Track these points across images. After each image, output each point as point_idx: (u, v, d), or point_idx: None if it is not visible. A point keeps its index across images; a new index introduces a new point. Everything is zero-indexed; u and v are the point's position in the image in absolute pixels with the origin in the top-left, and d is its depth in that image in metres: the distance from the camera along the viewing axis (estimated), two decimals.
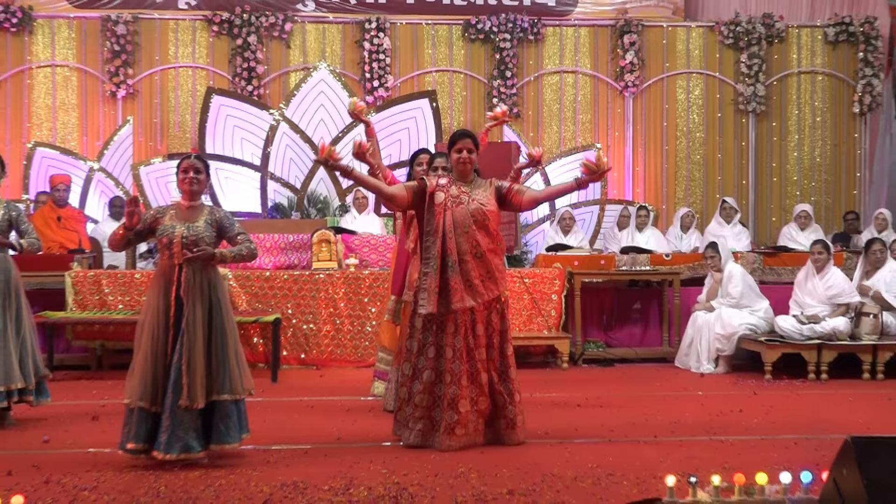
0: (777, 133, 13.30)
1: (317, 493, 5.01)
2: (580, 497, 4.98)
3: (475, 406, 6.13)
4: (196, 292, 5.67)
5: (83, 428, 6.86)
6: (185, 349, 5.56)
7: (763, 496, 4.73)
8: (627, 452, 5.97)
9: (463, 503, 4.85)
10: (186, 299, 5.64)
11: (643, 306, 10.72)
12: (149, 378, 5.57)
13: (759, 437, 6.51)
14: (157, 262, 5.92)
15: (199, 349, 5.60)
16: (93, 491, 5.11)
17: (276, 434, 6.50)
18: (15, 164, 11.96)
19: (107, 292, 9.62)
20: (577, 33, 13.16)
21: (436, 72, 13.00)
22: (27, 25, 12.45)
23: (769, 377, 9.11)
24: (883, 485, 3.92)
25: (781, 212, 13.12)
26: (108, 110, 12.59)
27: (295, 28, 12.81)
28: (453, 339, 6.10)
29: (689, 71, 13.25)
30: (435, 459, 5.82)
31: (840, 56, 13.32)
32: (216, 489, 5.14)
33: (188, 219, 5.75)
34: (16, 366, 6.68)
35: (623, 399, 8.03)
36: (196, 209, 5.83)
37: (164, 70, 12.71)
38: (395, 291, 7.30)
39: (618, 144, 13.12)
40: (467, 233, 6.12)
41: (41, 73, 12.58)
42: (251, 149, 12.29)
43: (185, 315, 5.62)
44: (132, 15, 12.55)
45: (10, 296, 6.78)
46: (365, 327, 9.81)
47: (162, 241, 5.70)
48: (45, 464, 5.73)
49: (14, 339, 6.73)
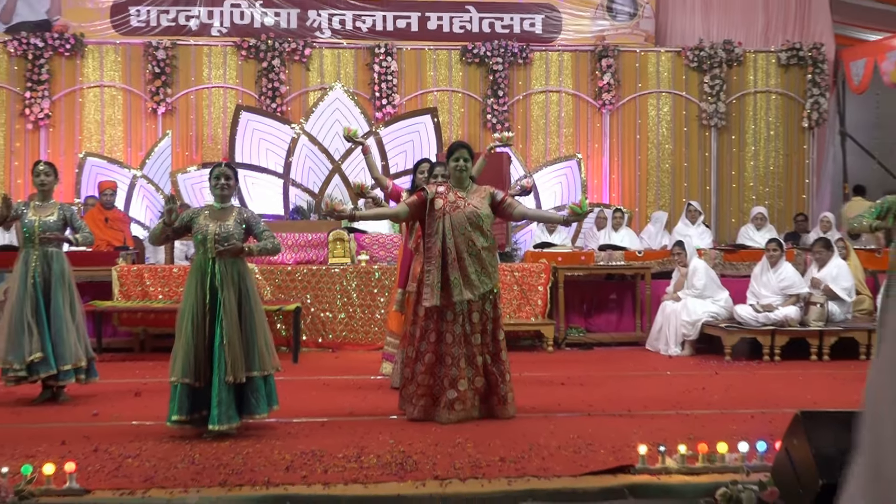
0: (736, 145, 13.29)
1: (332, 460, 5.03)
2: (563, 464, 4.98)
3: (472, 385, 6.15)
4: (229, 282, 5.72)
5: (127, 403, 6.87)
6: (223, 331, 5.62)
7: (724, 463, 4.75)
8: (604, 425, 5.97)
9: (460, 469, 4.86)
10: (221, 288, 5.69)
11: (618, 297, 10.72)
12: (191, 358, 5.62)
13: (720, 411, 6.52)
14: (193, 257, 5.94)
15: (236, 331, 5.66)
16: (136, 458, 5.12)
17: (296, 408, 6.50)
18: (68, 171, 11.96)
19: (148, 284, 9.62)
20: (560, 57, 13.14)
21: (437, 91, 12.99)
22: (79, 50, 12.44)
23: (729, 359, 9.11)
24: (828, 452, 3.93)
25: (740, 213, 13.11)
26: (149, 125, 12.58)
27: (313, 53, 12.79)
28: (452, 326, 6.13)
29: (658, 91, 13.24)
30: (436, 431, 5.82)
31: (791, 77, 13.31)
32: (244, 456, 5.15)
33: (220, 219, 5.81)
34: (73, 347, 6.74)
35: (601, 378, 8.02)
36: (227, 210, 5.88)
37: (199, 90, 12.70)
38: (401, 284, 7.30)
39: (596, 155, 13.11)
40: (464, 234, 6.14)
41: (91, 92, 12.57)
42: (275, 158, 12.28)
43: (221, 302, 5.67)
44: (171, 41, 12.53)
45: (64, 287, 6.83)
46: (374, 315, 9.80)
47: (197, 238, 5.75)
48: (94, 435, 5.74)
49: (71, 324, 6.79)
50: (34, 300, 6.69)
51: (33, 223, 6.78)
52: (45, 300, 6.74)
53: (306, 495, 4.51)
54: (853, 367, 8.40)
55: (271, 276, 9.76)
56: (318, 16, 12.96)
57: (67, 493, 4.46)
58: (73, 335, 6.78)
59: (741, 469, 4.55)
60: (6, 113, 12.40)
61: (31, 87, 12.27)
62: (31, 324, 6.63)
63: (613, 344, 10.32)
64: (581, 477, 4.76)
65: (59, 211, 6.93)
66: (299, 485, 4.63)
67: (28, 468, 4.60)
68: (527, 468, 4.88)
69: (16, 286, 6.74)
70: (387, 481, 4.69)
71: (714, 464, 4.74)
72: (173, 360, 5.68)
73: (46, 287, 6.76)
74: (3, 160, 12.31)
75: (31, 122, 12.31)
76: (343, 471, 4.85)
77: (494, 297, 6.27)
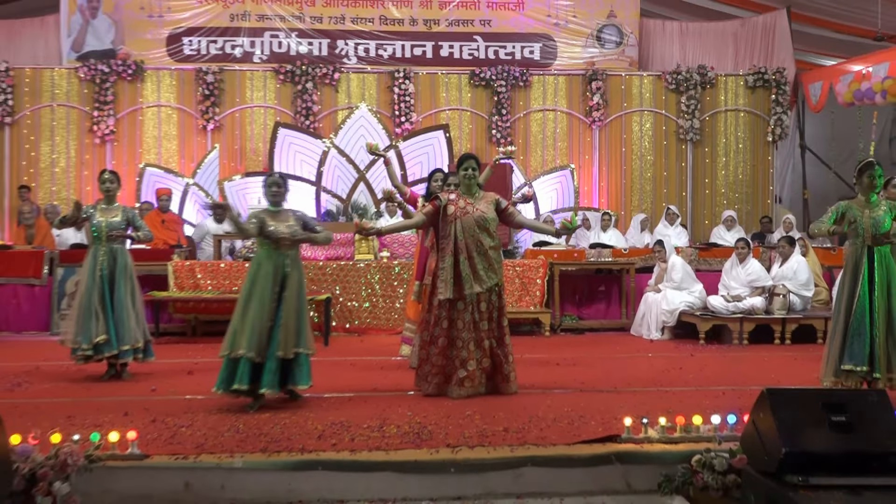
0: (709, 156, 13.23)
1: (358, 430, 5.02)
2: (558, 433, 4.96)
3: (479, 365, 6.15)
4: (294, 273, 5.84)
5: (181, 380, 6.87)
6: (283, 313, 5.72)
7: (698, 433, 4.72)
8: (594, 400, 5.94)
9: (469, 438, 4.85)
10: (289, 276, 5.81)
11: (606, 288, 10.70)
12: (256, 336, 5.65)
13: (695, 388, 6.49)
14: (256, 251, 6.02)
15: (293, 313, 5.77)
16: (188, 428, 5.13)
17: (327, 385, 6.50)
18: (130, 180, 11.99)
19: (199, 277, 9.64)
20: (556, 80, 13.10)
21: (448, 110, 12.96)
22: (139, 75, 12.46)
23: (703, 343, 9.09)
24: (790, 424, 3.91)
25: (712, 216, 13.05)
26: (199, 139, 12.59)
27: (342, 77, 12.78)
28: (463, 314, 6.15)
29: (641, 109, 13.18)
30: (448, 405, 5.81)
31: (757, 98, 13.24)
32: (282, 426, 5.15)
33: (282, 221, 5.90)
34: (133, 330, 6.80)
35: (591, 359, 8.00)
36: (284, 213, 5.98)
37: (242, 109, 12.70)
38: (418, 277, 7.30)
39: (587, 165, 13.06)
40: (473, 235, 6.15)
41: (150, 111, 12.58)
42: (308, 168, 12.28)
43: (288, 289, 5.79)
44: (218, 67, 12.54)
45: (127, 278, 6.89)
46: (395, 304, 9.80)
47: (269, 238, 5.82)
48: (153, 407, 5.75)
49: (132, 310, 6.83)
50: (101, 290, 6.76)
51: (101, 224, 6.84)
52: (109, 290, 6.80)
53: (335, 460, 4.51)
54: (811, 349, 8.35)
55: (305, 270, 9.64)
56: (345, 45, 12.96)
57: (129, 458, 4.47)
58: (133, 320, 6.84)
59: (714, 439, 4.54)
60: (77, 129, 12.43)
61: (98, 107, 12.31)
62: (97, 310, 6.71)
63: (602, 329, 10.31)
64: (574, 445, 4.75)
65: (123, 213, 7.00)
66: (329, 451, 4.63)
67: (96, 436, 4.60)
68: (527, 437, 4.86)
69: (85, 278, 6.83)
70: (405, 448, 4.68)
71: (690, 434, 4.71)
72: (232, 337, 5.70)
73: (111, 279, 6.82)
74: (75, 170, 12.35)
75: (98, 137, 12.34)
76: (367, 439, 4.84)
77: (499, 289, 6.28)
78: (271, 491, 4.41)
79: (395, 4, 13.03)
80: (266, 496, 4.40)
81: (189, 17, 12.74)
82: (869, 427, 3.96)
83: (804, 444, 3.85)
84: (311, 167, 12.28)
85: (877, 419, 4.01)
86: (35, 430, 4.65)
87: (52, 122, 12.42)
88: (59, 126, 12.43)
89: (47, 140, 12.40)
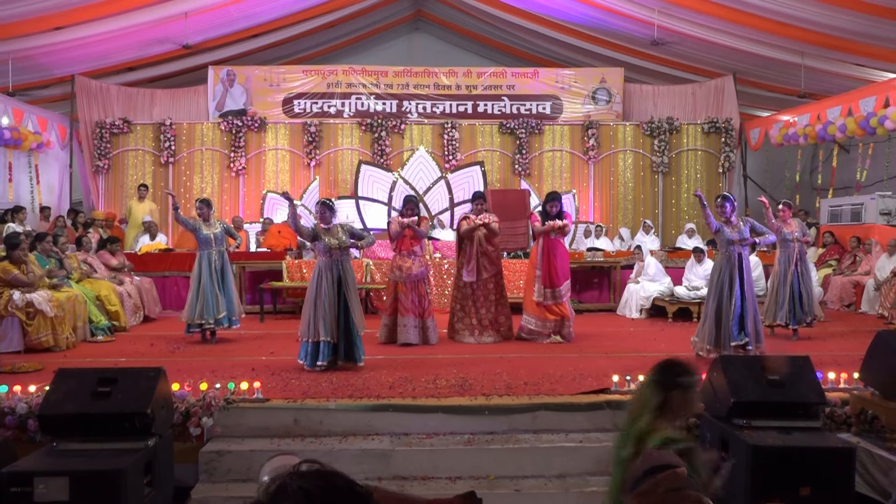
0: (675, 184, 12.99)
1: (418, 383, 5.04)
2: (564, 385, 4.93)
3: (489, 320, 7.02)
4: (347, 274, 5.77)
5: (292, 345, 6.89)
6: (350, 303, 5.69)
7: None
8: (590, 362, 5.90)
9: (498, 389, 4.86)
10: (345, 275, 5.75)
11: (599, 280, 10.56)
12: (326, 323, 5.63)
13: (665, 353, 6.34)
14: (317, 260, 5.90)
15: (353, 304, 5.71)
16: (296, 380, 5.21)
17: (396, 349, 6.53)
18: (255, 202, 12.17)
19: (304, 272, 9.71)
20: (562, 129, 12.97)
21: (483, 151, 12.90)
22: (263, 127, 12.61)
23: (670, 321, 8.93)
24: (736, 381, 3.87)
25: (678, 227, 12.79)
26: (304, 173, 12.70)
27: (406, 127, 12.80)
28: (477, 289, 7.05)
29: (625, 149, 12.99)
30: (483, 364, 5.78)
31: (711, 140, 12.96)
32: (363, 379, 5.19)
33: (332, 235, 5.79)
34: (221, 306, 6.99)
35: (588, 333, 7.92)
36: (334, 228, 5.85)
37: (336, 151, 12.77)
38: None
39: (584, 190, 12.93)
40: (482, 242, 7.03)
41: (270, 153, 12.72)
42: (381, 194, 12.31)
43: (346, 285, 5.72)
44: (318, 121, 12.66)
45: (229, 270, 7.16)
46: (444, 291, 9.78)
47: (323, 248, 5.74)
48: (272, 365, 5.83)
49: (220, 291, 7.00)
50: (213, 279, 6.99)
51: (209, 235, 7.05)
52: (220, 279, 7.04)
53: (401, 404, 4.54)
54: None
55: (379, 267, 9.82)
56: (409, 104, 12.98)
57: (255, 401, 4.54)
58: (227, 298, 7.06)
59: None
60: (219, 167, 12.63)
61: (233, 150, 12.48)
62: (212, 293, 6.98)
63: (596, 310, 10.17)
64: (576, 395, 4.73)
65: (221, 225, 7.26)
66: (397, 398, 4.65)
67: (231, 385, 4.68)
68: (541, 389, 4.85)
69: (200, 271, 7.01)
70: (452, 396, 4.70)
71: None
72: (310, 325, 5.62)
73: (220, 271, 7.05)
74: (217, 197, 12.52)
75: (234, 172, 12.52)
76: (425, 389, 4.86)
77: (499, 275, 7.14)
78: (355, 426, 4.44)
79: (444, 75, 13.04)
80: (352, 429, 4.43)
81: (298, 85, 12.87)
82: (796, 384, 3.90)
83: (747, 396, 3.80)
84: (383, 192, 12.31)
85: (802, 378, 3.95)
86: (189, 380, 4.75)
87: (201, 161, 12.63)
88: (206, 164, 12.62)
89: (198, 174, 12.61)
